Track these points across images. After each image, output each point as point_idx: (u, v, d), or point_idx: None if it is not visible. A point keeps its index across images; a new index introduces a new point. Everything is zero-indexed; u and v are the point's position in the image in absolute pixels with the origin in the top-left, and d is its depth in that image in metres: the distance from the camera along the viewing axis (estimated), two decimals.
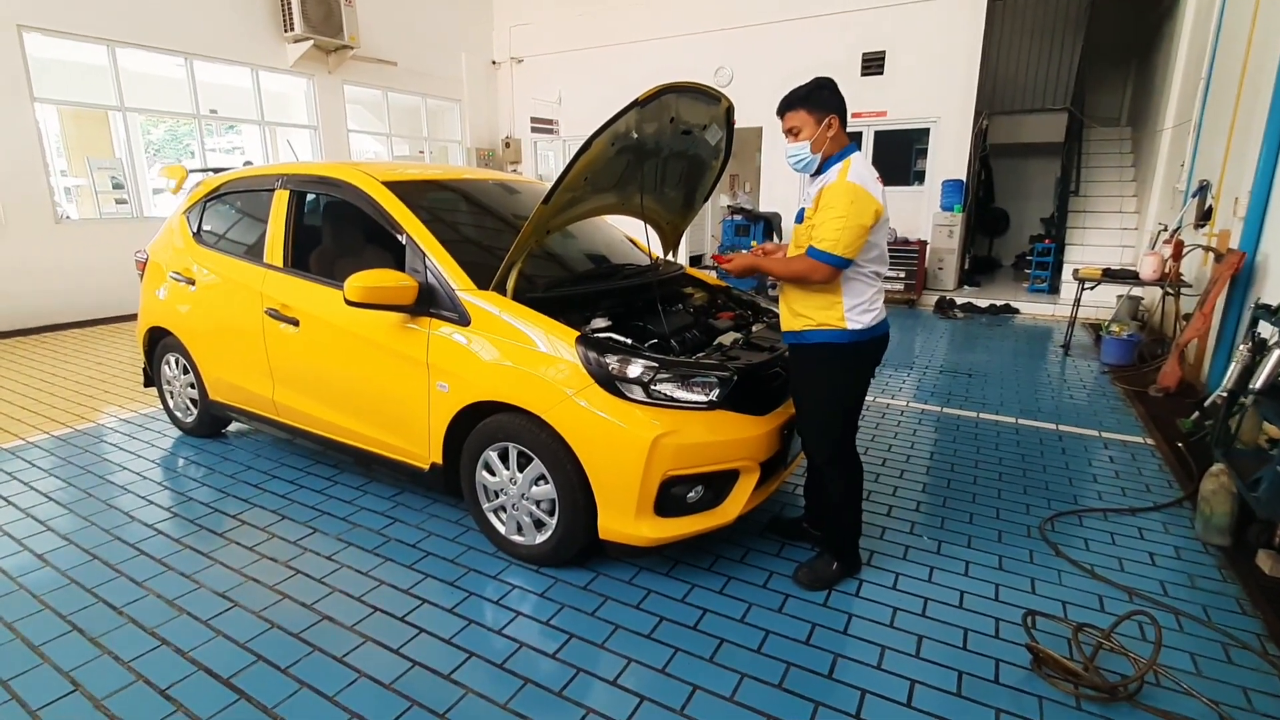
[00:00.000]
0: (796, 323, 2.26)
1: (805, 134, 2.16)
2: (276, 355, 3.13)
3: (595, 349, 2.27)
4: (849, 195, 2.05)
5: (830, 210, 2.07)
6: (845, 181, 2.07)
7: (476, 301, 2.48)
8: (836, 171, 2.11)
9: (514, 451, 2.43)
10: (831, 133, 2.15)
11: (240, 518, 2.91)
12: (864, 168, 2.12)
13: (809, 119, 2.15)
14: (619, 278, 2.97)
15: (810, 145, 2.16)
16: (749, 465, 2.36)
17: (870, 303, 2.21)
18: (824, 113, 2.14)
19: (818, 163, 2.19)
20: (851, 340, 2.19)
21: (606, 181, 2.73)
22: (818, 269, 2.09)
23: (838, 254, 2.06)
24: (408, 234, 2.67)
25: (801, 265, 2.11)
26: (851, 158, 2.14)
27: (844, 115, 2.18)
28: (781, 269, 2.18)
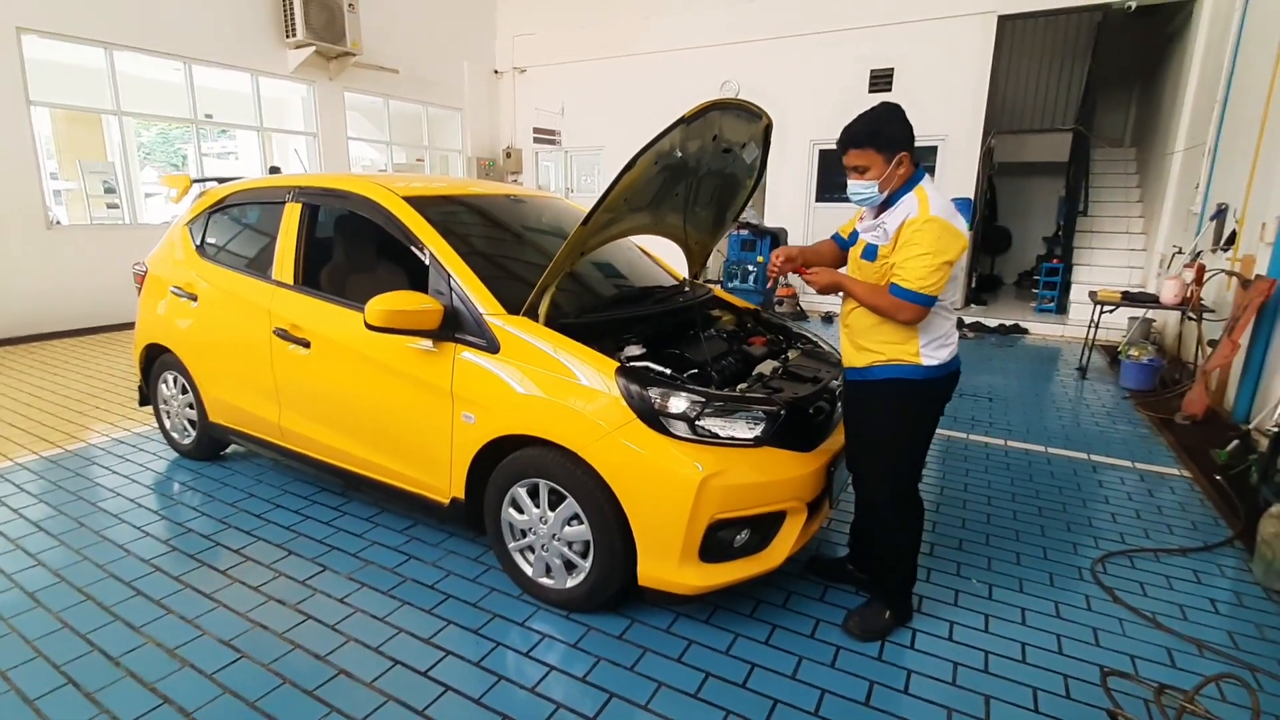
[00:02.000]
0: (862, 358, 2.12)
1: (873, 174, 2.01)
2: (284, 377, 2.95)
3: (637, 381, 2.11)
4: (936, 231, 1.91)
5: (916, 247, 1.92)
6: (931, 217, 1.92)
7: (507, 327, 2.32)
8: (914, 204, 1.96)
9: (545, 489, 2.27)
10: (902, 170, 2.01)
11: (244, 552, 2.72)
12: (941, 198, 1.98)
13: (878, 158, 1.99)
14: (651, 301, 2.82)
15: (879, 185, 2.01)
16: (796, 506, 2.20)
17: (946, 337, 2.08)
18: (894, 150, 1.98)
19: (883, 198, 2.06)
20: (926, 377, 2.06)
21: (642, 201, 2.59)
22: (904, 308, 1.95)
23: (928, 293, 1.92)
24: (431, 253, 2.51)
25: (886, 302, 1.97)
26: (924, 186, 2.00)
27: (913, 149, 2.03)
28: (866, 295, 2.01)
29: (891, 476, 2.16)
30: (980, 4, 8.29)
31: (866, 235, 2.11)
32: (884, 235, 2.02)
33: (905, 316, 1.97)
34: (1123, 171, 9.87)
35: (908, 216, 1.95)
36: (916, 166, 2.06)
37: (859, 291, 2.03)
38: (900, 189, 2.03)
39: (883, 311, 1.98)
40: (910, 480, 2.20)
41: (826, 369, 2.70)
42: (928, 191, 1.98)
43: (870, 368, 2.10)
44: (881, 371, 2.07)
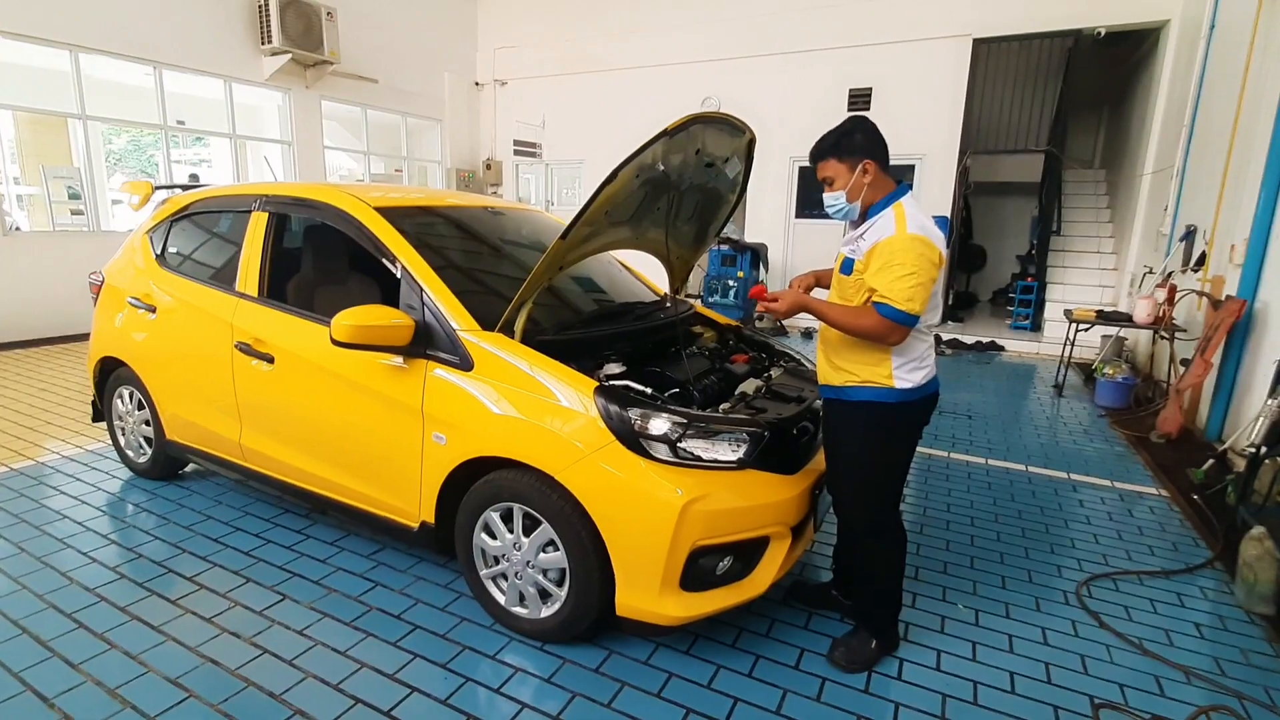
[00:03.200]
0: (837, 377, 2.06)
1: (839, 184, 2.01)
2: (246, 394, 2.81)
3: (617, 401, 2.03)
4: (916, 248, 1.87)
5: (899, 266, 1.87)
6: (909, 234, 1.88)
7: (481, 344, 2.22)
8: (892, 221, 1.92)
9: (519, 513, 2.17)
10: (869, 179, 1.99)
11: (198, 580, 2.57)
12: (920, 214, 1.95)
13: (841, 168, 2.00)
14: (633, 318, 2.75)
15: (846, 195, 2.01)
16: (781, 531, 2.13)
17: (921, 359, 2.03)
18: (856, 159, 1.98)
19: (858, 210, 2.04)
20: (899, 400, 2.00)
21: (623, 215, 2.52)
22: (894, 329, 1.89)
23: (914, 311, 1.86)
24: (403, 265, 2.41)
25: (870, 322, 1.90)
26: (903, 203, 1.96)
27: (882, 157, 2.01)
28: (842, 317, 1.95)
29: (869, 502, 2.10)
30: (956, 27, 8.45)
31: (845, 249, 2.07)
32: (861, 252, 1.98)
33: (895, 338, 1.91)
34: (1093, 193, 10.10)
35: (883, 235, 1.92)
36: (899, 183, 2.03)
37: (833, 315, 1.96)
38: (879, 203, 2.00)
39: (868, 333, 1.92)
40: (889, 506, 2.14)
41: (810, 388, 2.64)
42: (906, 209, 1.94)
43: (845, 388, 2.04)
44: (855, 393, 2.02)
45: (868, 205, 2.01)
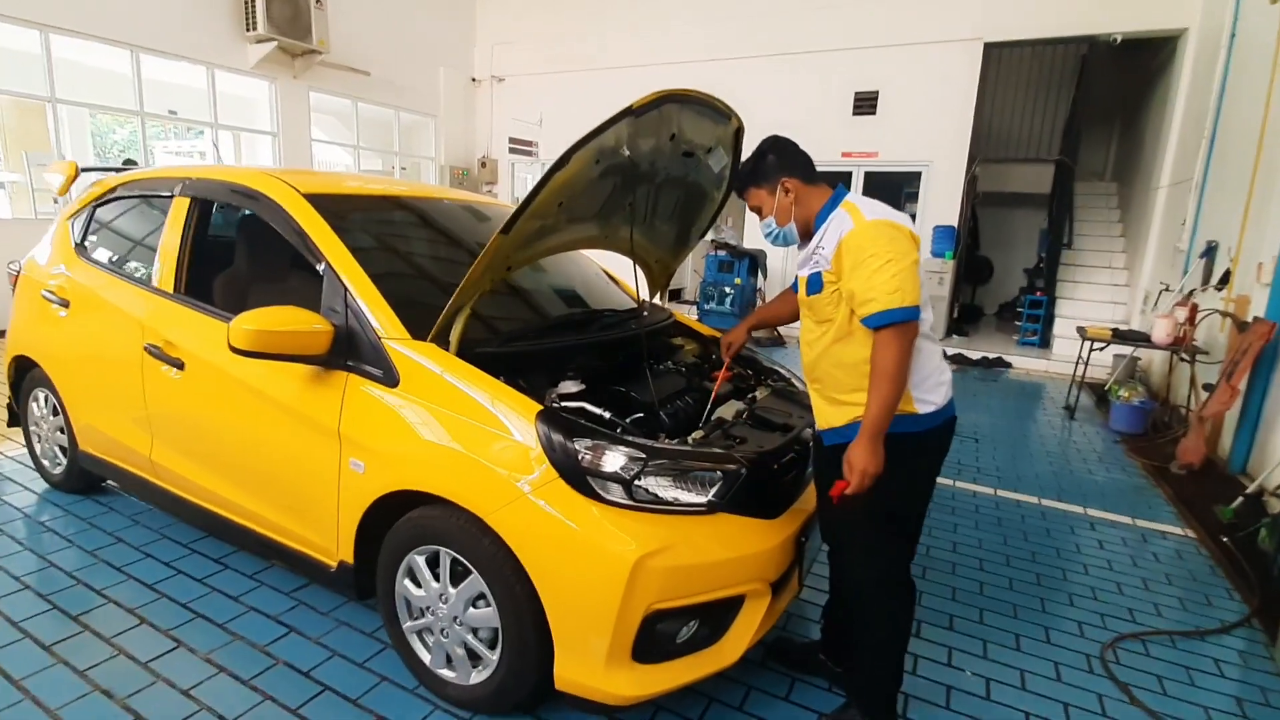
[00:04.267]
0: (841, 414, 1.73)
1: (766, 209, 1.84)
2: (156, 404, 2.47)
3: (560, 429, 1.68)
4: (883, 233, 1.60)
5: (871, 259, 1.57)
6: (869, 221, 1.62)
7: (410, 355, 1.88)
8: (846, 218, 1.66)
9: (446, 559, 1.82)
10: (791, 197, 1.79)
11: (85, 619, 2.21)
12: (873, 203, 1.70)
13: (762, 193, 1.83)
14: (597, 327, 2.40)
15: (775, 219, 1.82)
16: (758, 588, 1.78)
17: (939, 373, 1.72)
18: (773, 181, 1.79)
19: (794, 232, 1.83)
20: (924, 429, 1.68)
21: (586, 209, 2.18)
22: (902, 332, 1.56)
23: (908, 303, 1.55)
24: (326, 261, 2.07)
25: (887, 350, 1.56)
26: (849, 200, 1.72)
27: (802, 170, 1.80)
28: (880, 382, 1.57)
29: (880, 554, 1.76)
30: (967, 30, 8.13)
31: (803, 270, 1.80)
32: (824, 260, 1.69)
33: (905, 343, 1.57)
34: (1104, 206, 9.77)
35: (843, 232, 1.64)
36: (834, 187, 1.79)
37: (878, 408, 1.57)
38: (821, 212, 1.75)
39: (900, 358, 1.57)
40: (902, 558, 1.80)
41: (799, 413, 2.29)
42: (855, 202, 1.70)
43: (853, 425, 1.69)
44: None
45: (807, 221, 1.80)
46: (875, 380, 1.58)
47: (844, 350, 1.69)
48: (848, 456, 1.61)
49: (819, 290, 1.70)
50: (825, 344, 1.73)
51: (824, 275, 1.68)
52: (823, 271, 1.68)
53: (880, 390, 1.57)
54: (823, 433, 1.81)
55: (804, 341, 1.83)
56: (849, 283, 1.60)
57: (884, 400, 1.57)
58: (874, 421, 1.58)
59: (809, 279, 1.74)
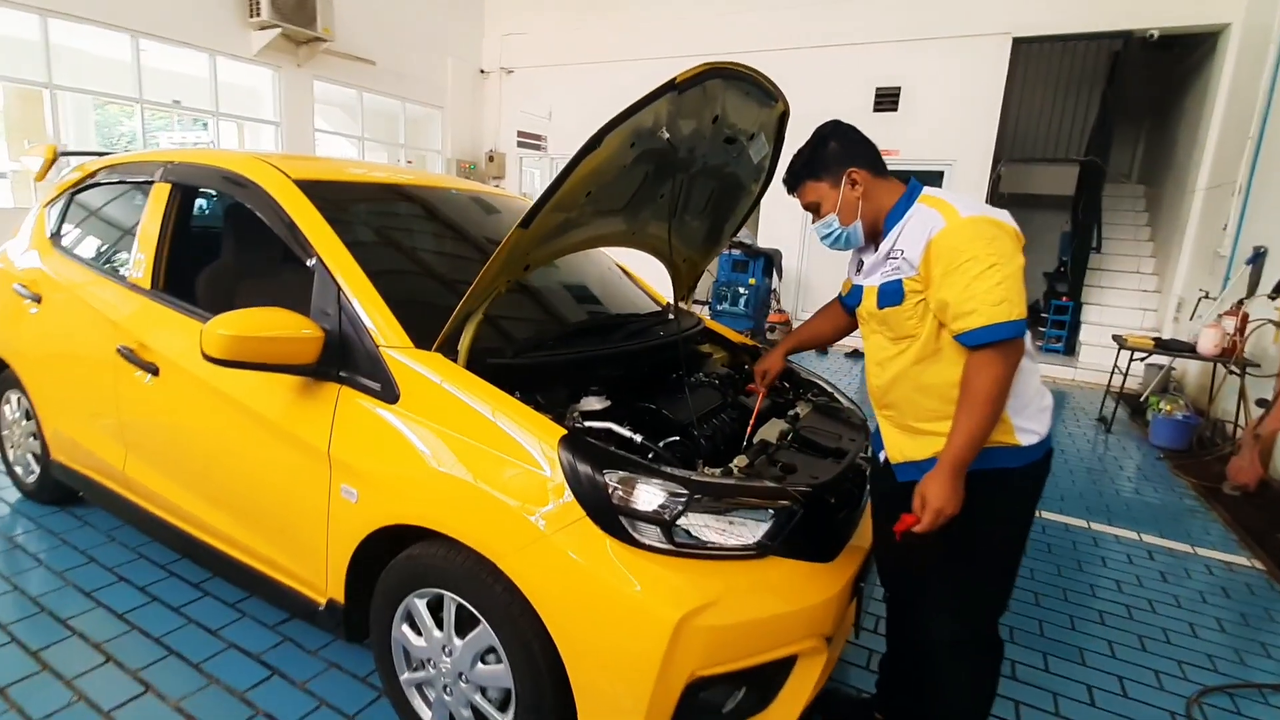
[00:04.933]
0: (923, 446, 1.47)
1: (827, 206, 1.56)
2: (128, 412, 2.22)
3: (588, 458, 1.42)
4: (985, 233, 1.33)
5: (971, 263, 1.31)
6: (966, 219, 1.35)
7: (412, 366, 1.62)
8: (933, 215, 1.39)
9: (451, 606, 1.56)
10: (860, 190, 1.51)
11: (45, 656, 1.97)
12: (965, 197, 1.43)
13: (822, 187, 1.55)
14: (622, 335, 2.13)
15: (837, 217, 1.54)
16: (814, 646, 1.52)
17: (1041, 395, 1.48)
18: (837, 171, 1.52)
19: (860, 232, 1.55)
20: (1027, 463, 1.43)
21: (615, 201, 1.92)
22: (1008, 352, 1.31)
23: (1016, 316, 1.30)
24: (317, 256, 1.81)
25: (983, 376, 1.31)
26: (931, 193, 1.46)
27: (870, 160, 1.53)
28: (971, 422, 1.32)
29: (965, 609, 1.51)
30: (995, 25, 7.84)
31: (872, 278, 1.52)
32: (908, 265, 1.41)
33: (1009, 365, 1.33)
34: (1131, 209, 9.45)
35: (932, 231, 1.36)
36: (908, 181, 1.52)
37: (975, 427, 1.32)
38: (895, 209, 1.49)
39: (1002, 381, 1.32)
40: (992, 614, 1.54)
41: (849, 433, 2.04)
42: (943, 196, 1.43)
43: (936, 460, 1.44)
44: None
45: (875, 220, 1.53)
46: (966, 406, 1.32)
47: (929, 371, 1.43)
48: (921, 490, 1.36)
49: (898, 301, 1.44)
50: (904, 365, 1.47)
51: (905, 283, 1.41)
52: (904, 279, 1.42)
53: (972, 418, 1.31)
54: (897, 467, 1.55)
55: (873, 361, 1.57)
56: (940, 291, 1.34)
57: (974, 430, 1.31)
58: (958, 454, 1.32)
59: (882, 289, 1.48)
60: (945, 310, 1.34)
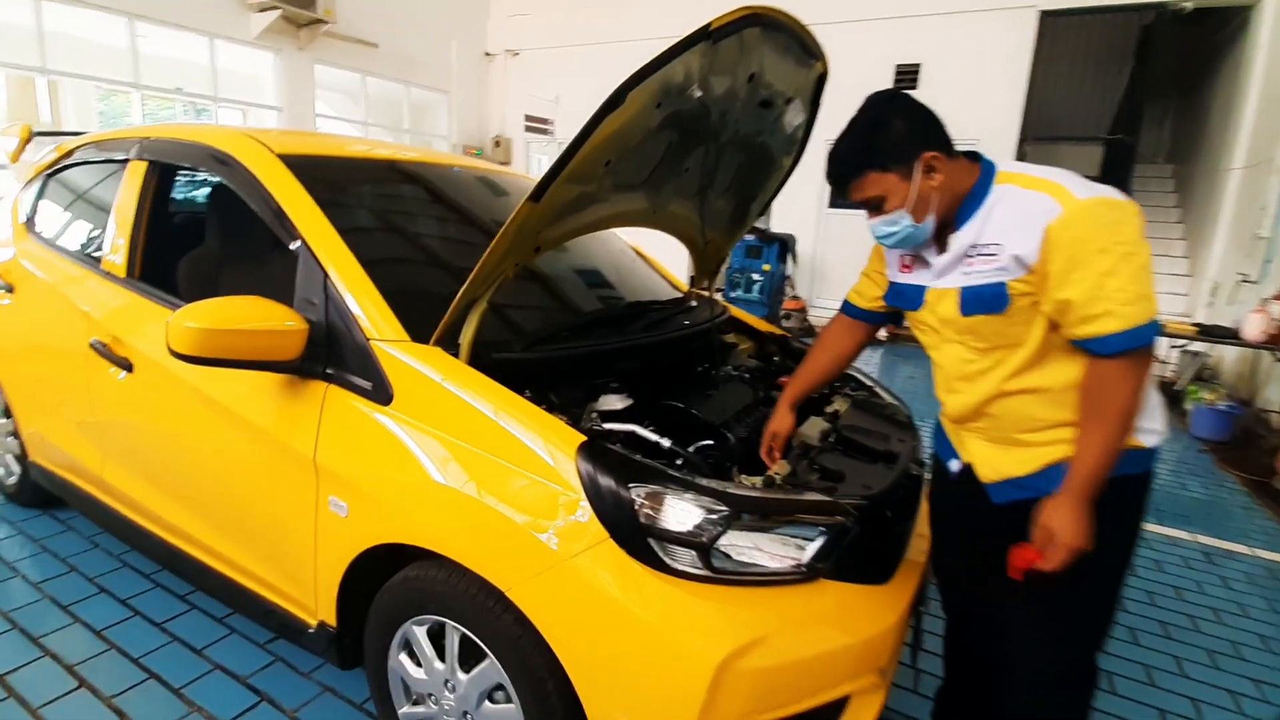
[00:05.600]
0: (1029, 459, 1.26)
1: (895, 201, 1.25)
2: (104, 412, 2.04)
3: (610, 470, 1.22)
4: (1110, 217, 1.10)
5: (1100, 256, 1.08)
6: (1084, 202, 1.10)
7: (407, 361, 1.42)
8: (1039, 198, 1.14)
9: (453, 635, 1.37)
10: (939, 179, 1.23)
11: (11, 681, 1.80)
12: (1065, 173, 1.18)
13: (890, 179, 1.24)
14: (645, 325, 1.92)
15: (910, 213, 1.25)
16: (871, 684, 1.32)
17: (1152, 388, 1.25)
18: (909, 158, 1.22)
19: (932, 227, 1.26)
20: (1147, 468, 1.25)
21: (635, 174, 1.71)
22: (1140, 364, 1.11)
23: (1153, 317, 1.10)
24: (302, 238, 1.61)
25: (1122, 388, 1.10)
26: (1006, 171, 1.23)
27: (943, 137, 1.25)
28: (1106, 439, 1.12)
29: (1076, 640, 1.31)
30: None
31: (947, 279, 1.28)
32: (1015, 263, 1.16)
33: (1147, 373, 1.13)
34: (1159, 190, 9.12)
35: (1048, 218, 1.11)
36: (977, 158, 1.27)
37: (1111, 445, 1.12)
38: (972, 194, 1.23)
39: (1128, 400, 1.11)
40: (1099, 641, 1.34)
41: (897, 433, 1.82)
42: (1038, 173, 1.19)
43: (1047, 472, 1.23)
44: None
45: (950, 209, 1.25)
46: (1097, 422, 1.12)
47: (1036, 377, 1.22)
48: (1046, 521, 1.14)
49: (1001, 308, 1.19)
50: (1003, 376, 1.24)
51: (1011, 286, 1.17)
52: (1010, 280, 1.17)
53: (1106, 437, 1.11)
54: (992, 487, 1.32)
55: (955, 377, 1.33)
56: (1062, 290, 1.10)
57: (1108, 450, 1.11)
58: (1091, 478, 1.12)
59: (973, 293, 1.22)
60: (1067, 312, 1.11)
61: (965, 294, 1.23)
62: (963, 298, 1.24)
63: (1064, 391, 1.19)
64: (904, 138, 1.22)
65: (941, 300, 1.29)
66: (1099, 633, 1.32)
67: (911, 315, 1.41)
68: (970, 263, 1.23)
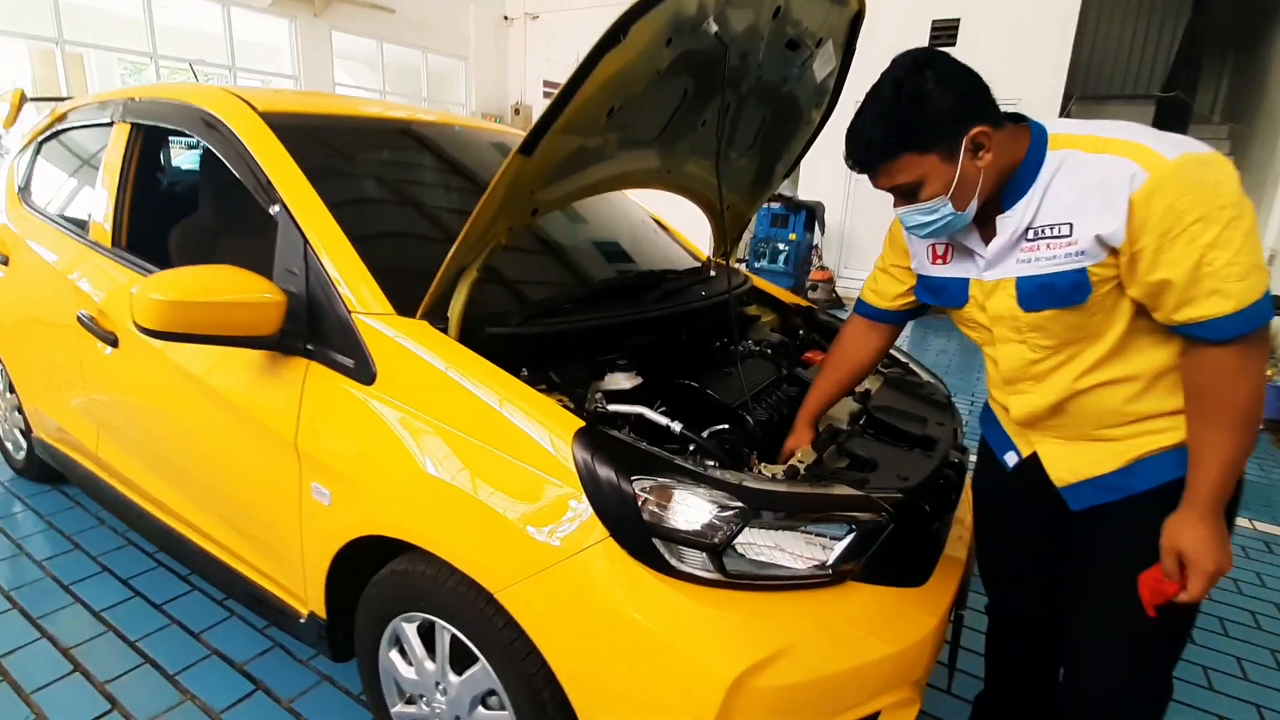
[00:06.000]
0: (1116, 453, 1.08)
1: (935, 185, 1.02)
2: (93, 388, 1.96)
3: (611, 460, 1.08)
4: (1206, 178, 0.89)
5: (1202, 226, 0.88)
6: (1175, 162, 0.89)
7: (391, 336, 1.29)
8: (1113, 167, 0.93)
9: (444, 636, 1.26)
10: (987, 157, 1.01)
11: (7, 664, 1.75)
12: (1137, 127, 0.97)
13: (929, 161, 1.01)
14: (658, 297, 1.75)
15: (950, 198, 1.03)
16: (905, 698, 1.18)
17: None
18: (953, 136, 0.99)
19: (974, 212, 1.05)
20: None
21: (645, 128, 1.54)
22: (1259, 349, 0.92)
23: (1266, 290, 0.90)
24: (282, 202, 1.48)
25: (1243, 381, 0.92)
26: (1061, 133, 1.01)
27: (990, 103, 1.01)
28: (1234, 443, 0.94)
29: (1154, 653, 1.14)
30: None
31: (1002, 268, 1.07)
32: (1095, 245, 0.96)
33: (1266, 358, 0.95)
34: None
35: (1132, 185, 0.91)
36: (1023, 120, 1.05)
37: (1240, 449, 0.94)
38: (1025, 165, 1.01)
39: (1253, 394, 0.93)
40: (1179, 654, 1.18)
41: (935, 414, 1.65)
42: (1102, 131, 0.97)
43: (1139, 465, 1.06)
44: (1175, 467, 1.03)
45: (996, 186, 1.04)
46: (1220, 423, 0.94)
47: (1124, 367, 1.04)
48: (1177, 545, 0.97)
49: (1080, 298, 0.99)
50: (1079, 371, 1.06)
51: (1094, 271, 0.97)
52: (1092, 265, 0.97)
53: (1231, 438, 0.93)
54: (1069, 490, 1.14)
55: (1022, 378, 1.13)
56: (1157, 270, 0.92)
57: (1237, 454, 0.94)
58: (1222, 485, 0.95)
59: (1043, 284, 1.01)
60: (1163, 295, 0.93)
61: (1024, 286, 1.04)
62: (1021, 291, 1.04)
63: (1154, 379, 1.01)
64: (947, 111, 0.98)
65: (993, 295, 1.09)
66: (1177, 645, 1.16)
67: (954, 313, 1.21)
68: (1030, 248, 1.02)
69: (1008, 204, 1.03)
